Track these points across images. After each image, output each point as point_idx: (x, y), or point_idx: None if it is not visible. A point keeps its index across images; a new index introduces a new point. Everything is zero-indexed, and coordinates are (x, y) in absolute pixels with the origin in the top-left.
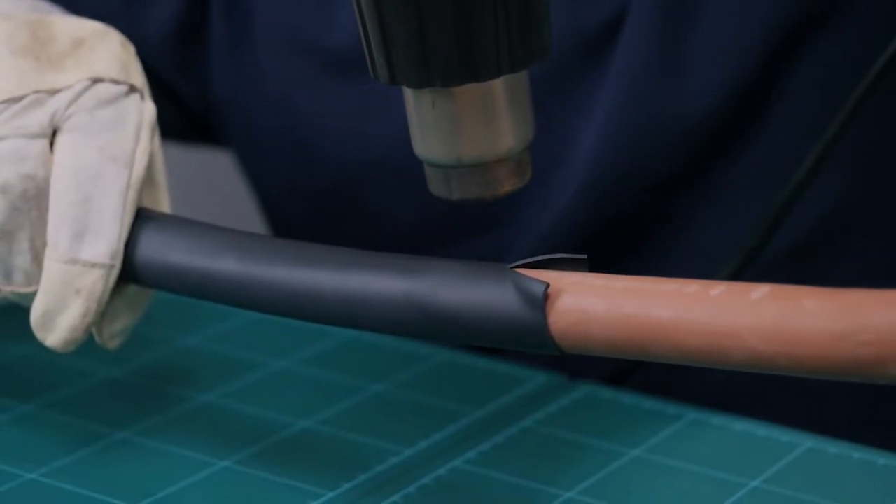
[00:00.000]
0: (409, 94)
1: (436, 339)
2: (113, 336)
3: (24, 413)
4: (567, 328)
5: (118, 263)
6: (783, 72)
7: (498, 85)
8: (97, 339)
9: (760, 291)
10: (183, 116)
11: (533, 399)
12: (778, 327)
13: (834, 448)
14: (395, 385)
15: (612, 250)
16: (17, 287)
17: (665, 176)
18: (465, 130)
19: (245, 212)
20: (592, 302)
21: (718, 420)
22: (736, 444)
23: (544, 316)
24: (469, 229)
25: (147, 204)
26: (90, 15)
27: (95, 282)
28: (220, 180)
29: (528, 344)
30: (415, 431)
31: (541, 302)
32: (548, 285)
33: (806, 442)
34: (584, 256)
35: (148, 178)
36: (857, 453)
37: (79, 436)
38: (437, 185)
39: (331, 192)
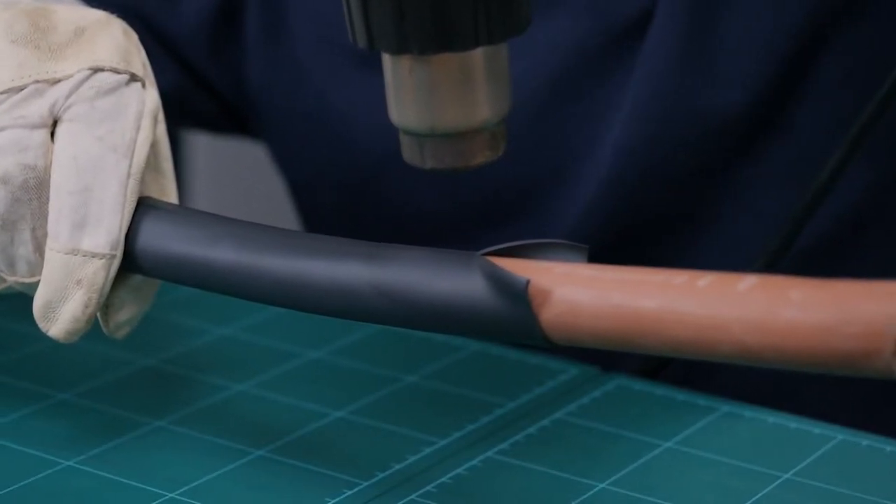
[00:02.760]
0: (386, 59)
1: (424, 330)
2: (119, 326)
3: (61, 401)
4: (555, 319)
5: (119, 253)
6: (811, 67)
7: (475, 56)
8: (104, 329)
9: (748, 282)
10: (216, 105)
11: (566, 391)
12: (763, 319)
13: (866, 441)
14: (429, 376)
15: (637, 244)
16: (21, 277)
17: (691, 171)
18: (440, 99)
19: (277, 200)
20: (580, 293)
21: (751, 412)
22: (768, 436)
23: (530, 309)
24: (494, 221)
25: (153, 192)
26: (126, 4)
27: (96, 272)
28: (254, 169)
29: (516, 336)
30: (448, 422)
31: (524, 295)
32: (528, 281)
33: (838, 434)
34: (560, 241)
35: (154, 167)
36: (890, 446)
37: (116, 424)
38: (410, 153)
39: (359, 182)
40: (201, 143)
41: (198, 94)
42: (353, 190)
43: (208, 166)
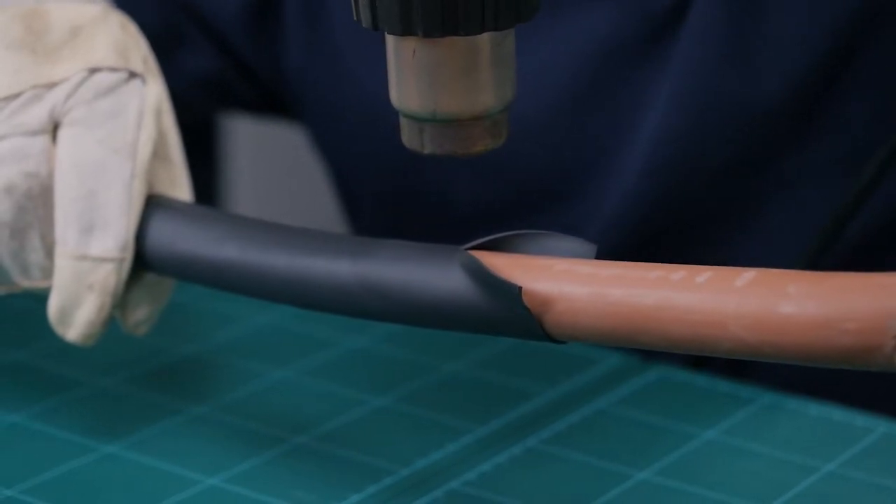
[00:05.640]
0: (390, 40)
1: (427, 328)
2: (138, 324)
3: (103, 388)
4: (555, 318)
5: (129, 256)
6: (853, 59)
7: (481, 41)
8: (123, 328)
9: (745, 277)
10: (256, 89)
11: (607, 380)
12: (761, 315)
13: None
14: (469, 364)
15: (675, 237)
16: (36, 282)
17: (730, 163)
18: (442, 84)
19: (320, 188)
20: (579, 291)
21: (793, 403)
22: (811, 427)
23: (529, 312)
24: (531, 210)
25: (164, 182)
26: None
27: (107, 276)
28: (297, 157)
29: (520, 335)
30: (489, 410)
31: (519, 301)
32: (521, 288)
33: (881, 426)
34: (553, 233)
35: (163, 157)
36: None
37: (155, 411)
38: (409, 137)
39: (395, 169)
40: (244, 132)
41: (238, 78)
42: (391, 176)
43: (251, 155)
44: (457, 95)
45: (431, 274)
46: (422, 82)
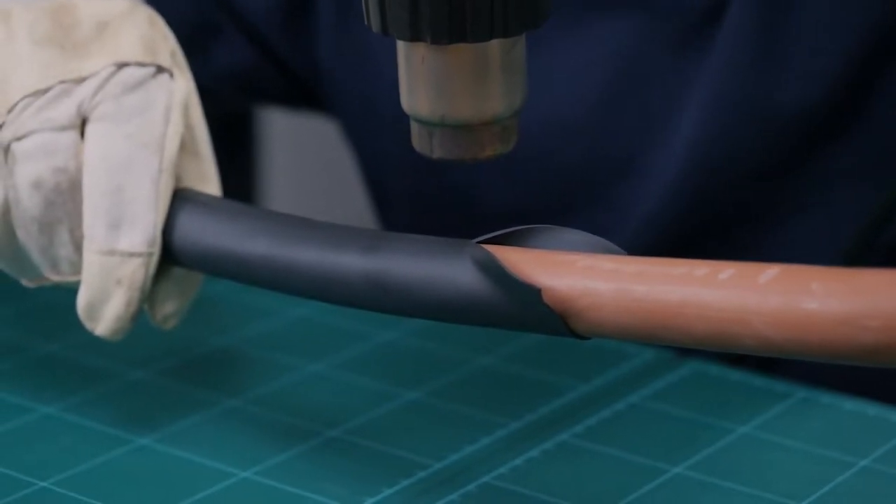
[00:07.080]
0: (400, 46)
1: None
2: (166, 318)
3: (137, 380)
4: (579, 315)
5: (157, 251)
6: (885, 61)
7: (490, 48)
8: (152, 321)
9: (769, 274)
10: (288, 82)
11: (640, 374)
12: (784, 312)
13: None
14: (502, 359)
15: (710, 238)
16: (66, 276)
17: (763, 165)
18: (451, 90)
19: (353, 181)
20: (602, 287)
21: (828, 398)
22: (846, 422)
23: (549, 308)
24: (561, 210)
25: (193, 176)
26: None
27: (135, 271)
28: (332, 152)
29: (544, 332)
30: (521, 405)
31: (539, 300)
32: (540, 290)
33: None
34: (557, 227)
35: (192, 151)
36: None
37: (190, 403)
38: (419, 142)
39: (423, 166)
40: (280, 127)
41: (270, 71)
42: (419, 173)
43: (286, 149)
44: (466, 101)
45: (448, 270)
46: (431, 88)
